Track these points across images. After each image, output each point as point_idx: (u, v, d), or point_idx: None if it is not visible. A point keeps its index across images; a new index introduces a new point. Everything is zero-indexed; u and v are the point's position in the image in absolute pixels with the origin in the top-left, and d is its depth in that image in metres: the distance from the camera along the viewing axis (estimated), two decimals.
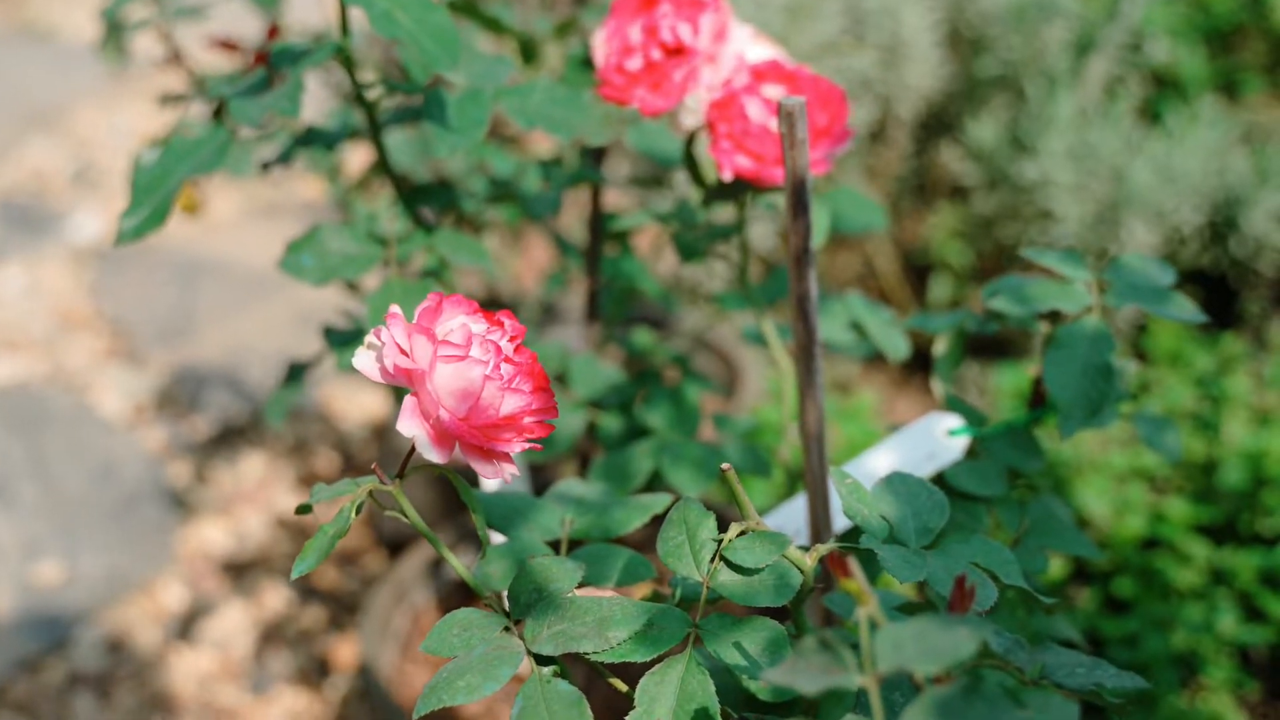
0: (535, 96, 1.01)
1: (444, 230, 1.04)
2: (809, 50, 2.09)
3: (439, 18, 0.92)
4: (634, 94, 1.01)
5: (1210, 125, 2.10)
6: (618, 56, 1.02)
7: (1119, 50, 2.18)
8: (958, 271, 2.26)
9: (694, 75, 1.01)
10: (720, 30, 1.02)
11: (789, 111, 0.85)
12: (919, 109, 2.33)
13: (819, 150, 1.01)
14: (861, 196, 1.36)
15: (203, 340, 2.52)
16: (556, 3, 2.37)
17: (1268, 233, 2.07)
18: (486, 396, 0.70)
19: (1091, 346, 0.93)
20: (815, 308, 0.89)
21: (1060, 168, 2.01)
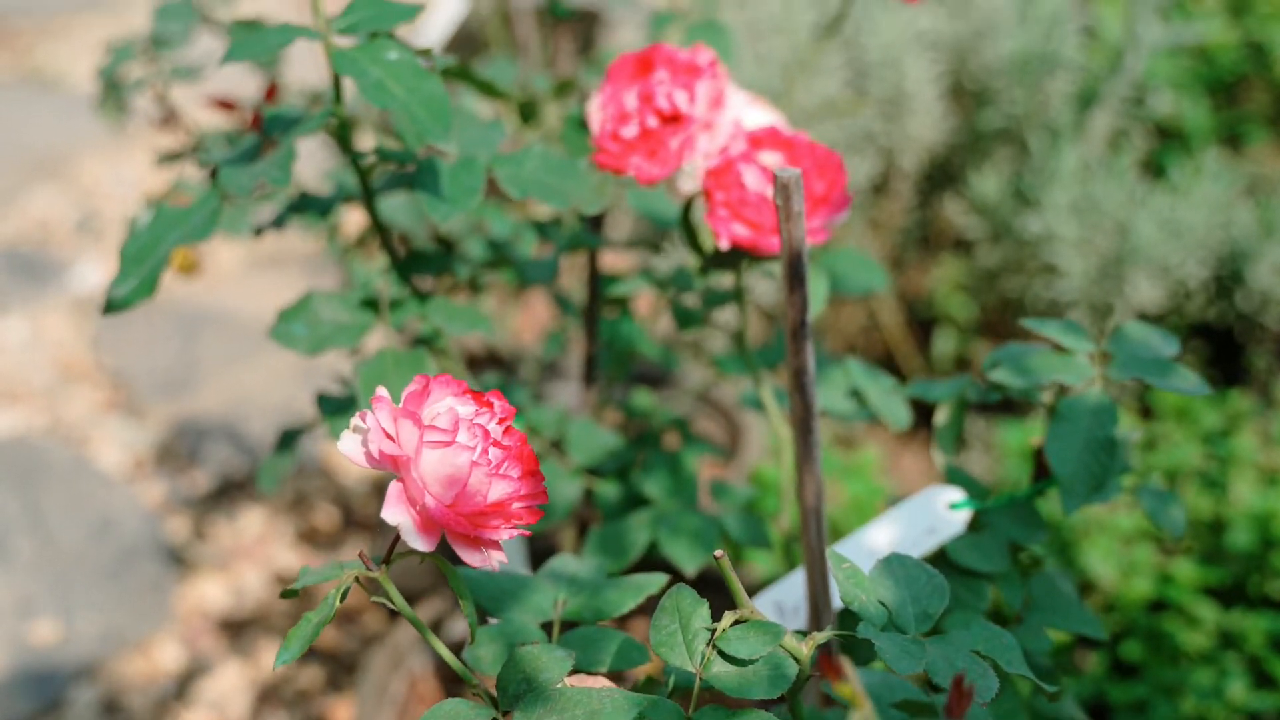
0: (529, 164, 1.00)
1: (438, 299, 1.03)
2: (811, 108, 2.09)
3: (431, 87, 0.91)
4: (629, 162, 1.00)
5: (1214, 178, 2.09)
6: (613, 123, 1.01)
7: (1122, 103, 2.17)
8: (962, 325, 2.24)
9: (690, 143, 1.00)
10: (717, 97, 1.00)
11: (784, 184, 0.83)
12: (922, 161, 2.33)
13: (816, 219, 1.00)
14: (862, 257, 1.35)
15: (204, 392, 2.51)
16: (558, 58, 2.37)
17: (1273, 287, 2.05)
18: (474, 483, 0.68)
19: (1094, 420, 0.91)
20: (813, 381, 0.88)
21: (1064, 222, 2.00)
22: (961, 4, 2.34)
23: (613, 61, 1.03)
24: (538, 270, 1.12)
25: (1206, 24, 2.46)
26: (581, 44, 2.96)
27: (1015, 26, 2.22)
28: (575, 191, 0.99)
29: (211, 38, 1.59)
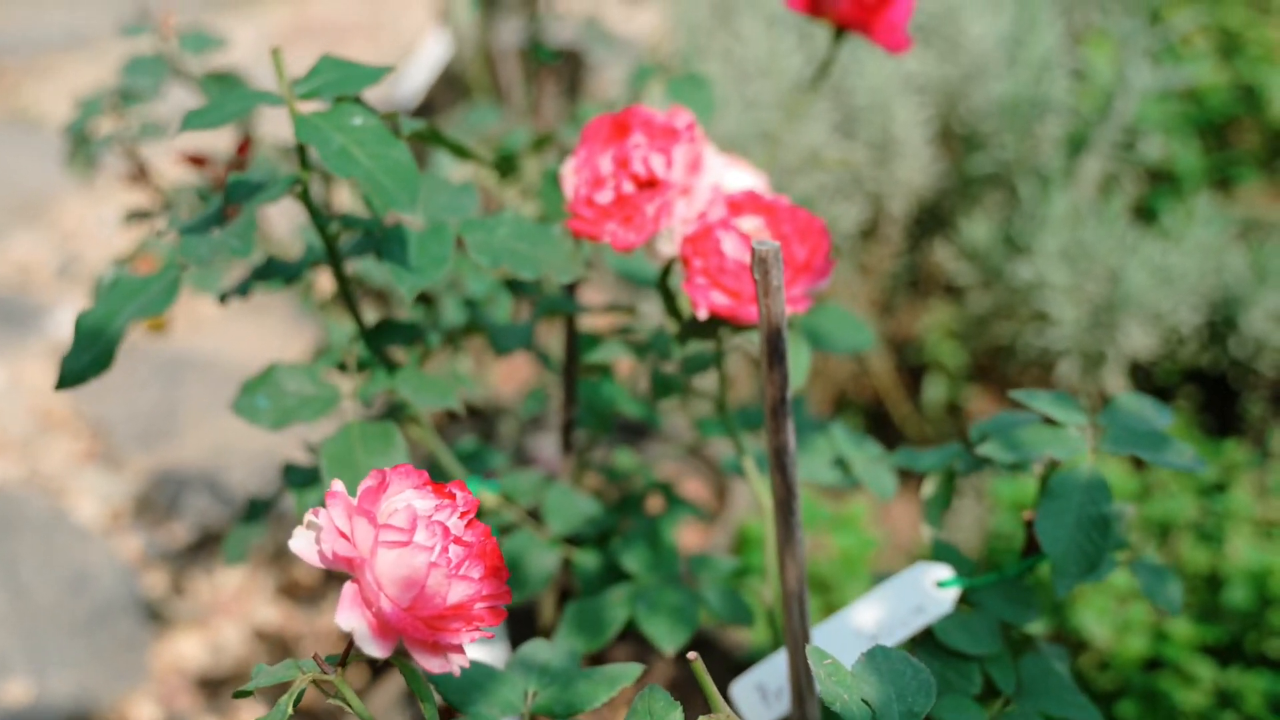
0: (501, 230, 0.97)
1: (407, 369, 0.99)
2: (797, 161, 2.06)
3: (397, 154, 0.88)
4: (604, 228, 0.97)
5: (1206, 223, 2.07)
6: (588, 188, 0.98)
7: (1113, 148, 2.15)
8: (952, 372, 2.21)
9: (667, 209, 0.96)
10: (694, 161, 0.97)
11: (762, 257, 0.80)
12: (911, 206, 2.30)
13: (798, 286, 0.96)
14: (848, 315, 1.32)
15: (184, 441, 2.47)
16: (543, 100, 2.34)
17: (1267, 333, 2.02)
18: (432, 585, 0.65)
19: (1086, 497, 0.88)
20: (794, 461, 0.84)
21: (1054, 268, 1.97)
22: (950, 47, 2.31)
23: (588, 123, 1.00)
24: (512, 337, 1.08)
25: (1196, 66, 2.44)
26: (567, 84, 2.94)
27: (1004, 70, 2.20)
28: (549, 259, 0.95)
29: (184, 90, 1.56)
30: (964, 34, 2.30)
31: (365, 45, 4.40)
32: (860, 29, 1.27)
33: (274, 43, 4.49)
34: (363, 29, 4.59)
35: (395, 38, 4.43)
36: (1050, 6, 2.47)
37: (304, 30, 4.54)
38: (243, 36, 4.51)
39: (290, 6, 4.78)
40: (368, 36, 4.51)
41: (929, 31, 2.36)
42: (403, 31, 4.51)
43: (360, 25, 4.62)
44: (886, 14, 1.25)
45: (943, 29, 2.32)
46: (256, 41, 4.47)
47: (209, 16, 4.65)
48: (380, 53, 4.30)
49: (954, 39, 2.31)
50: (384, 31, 4.52)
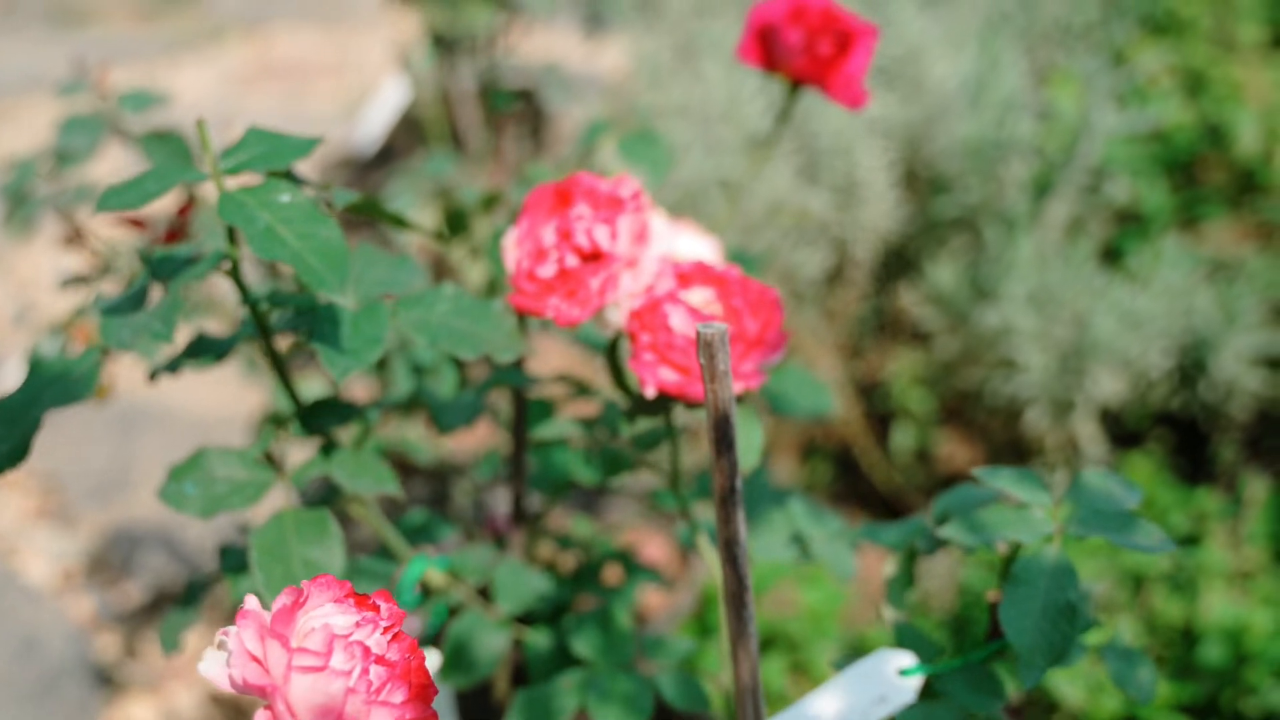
0: (440, 307, 0.93)
1: (344, 452, 0.95)
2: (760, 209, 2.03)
3: (328, 233, 0.84)
4: (547, 304, 0.93)
5: (1174, 264, 2.04)
6: (530, 261, 0.94)
7: (1078, 190, 2.12)
8: (920, 419, 2.18)
9: (613, 282, 0.93)
10: (640, 231, 0.94)
11: (708, 341, 0.76)
12: (876, 249, 2.27)
13: (749, 362, 0.92)
14: (808, 376, 1.29)
15: (140, 496, 2.41)
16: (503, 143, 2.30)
17: (1237, 375, 2.00)
18: (350, 713, 0.60)
19: (1053, 583, 0.84)
20: (745, 552, 0.80)
21: (1021, 314, 1.94)
22: (913, 89, 2.29)
23: (530, 193, 0.96)
24: (456, 414, 1.04)
25: (1162, 106, 2.42)
26: (531, 126, 2.91)
27: (967, 112, 2.17)
28: (490, 337, 0.91)
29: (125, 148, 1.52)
30: (927, 76, 2.28)
31: (329, 86, 4.36)
32: (816, 84, 1.24)
33: (236, 84, 4.43)
34: (328, 68, 4.55)
35: (360, 76, 4.39)
36: (1013, 46, 2.45)
37: (266, 71, 4.50)
38: (203, 78, 4.48)
39: (253, 46, 4.74)
40: (333, 76, 4.47)
41: (891, 74, 2.33)
42: (368, 69, 4.47)
43: (325, 64, 4.58)
44: (843, 68, 1.22)
45: (905, 71, 2.30)
46: (216, 84, 4.43)
47: (170, 57, 4.61)
48: (345, 93, 4.26)
49: (917, 81, 2.29)
50: (349, 70, 4.48)
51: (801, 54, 1.22)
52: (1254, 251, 2.42)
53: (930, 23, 2.48)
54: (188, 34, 4.88)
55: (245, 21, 4.97)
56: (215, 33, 4.86)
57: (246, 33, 4.87)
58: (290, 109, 4.18)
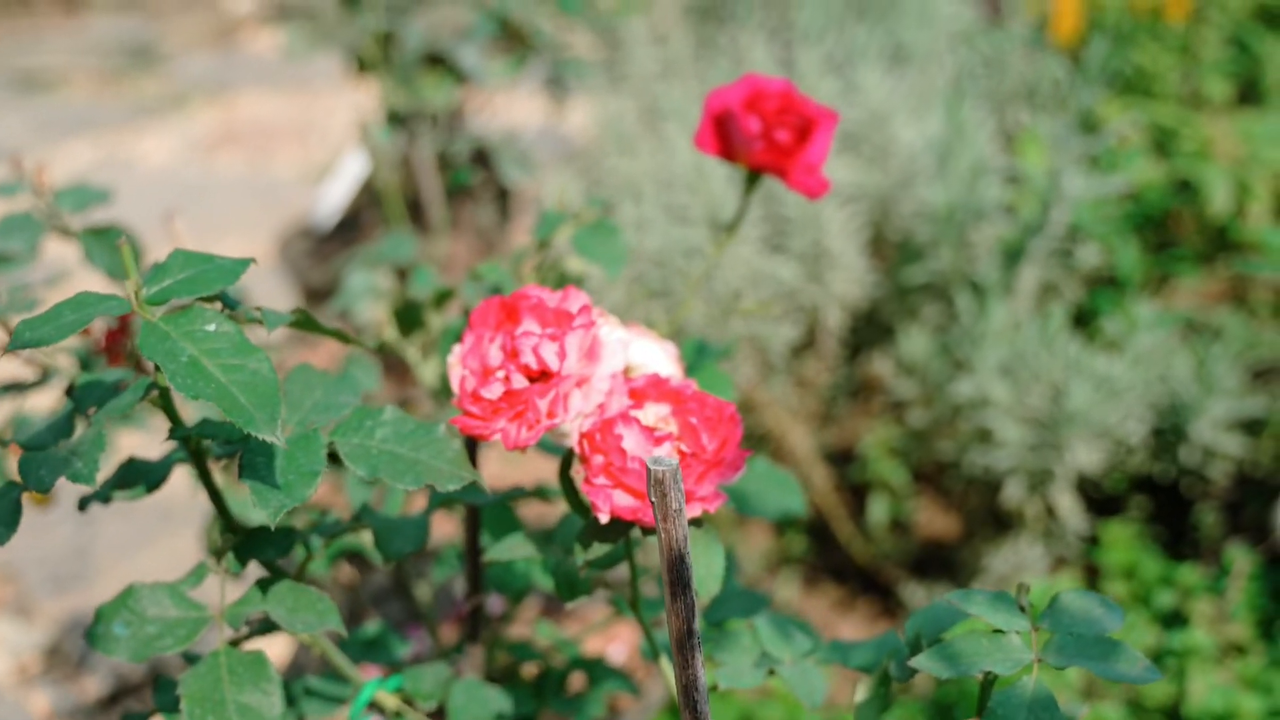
0: (380, 433, 0.88)
1: (283, 584, 0.90)
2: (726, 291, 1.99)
3: (256, 364, 0.79)
4: (494, 426, 0.88)
5: (1149, 329, 2.01)
6: (476, 380, 0.89)
7: (1050, 255, 2.09)
8: (895, 490, 2.13)
9: (562, 403, 0.88)
10: (591, 348, 0.89)
11: (659, 479, 0.72)
12: (848, 317, 2.23)
13: (707, 484, 0.88)
14: (778, 473, 1.24)
15: (99, 583, 2.35)
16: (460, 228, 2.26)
17: (1216, 440, 1.96)
18: None
19: (1033, 716, 0.80)
20: (704, 696, 0.76)
21: (995, 385, 1.90)
22: (881, 154, 2.26)
23: (475, 308, 0.91)
24: (401, 539, 0.99)
25: (1133, 164, 2.39)
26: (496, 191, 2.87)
27: (936, 177, 2.14)
28: (433, 465, 0.87)
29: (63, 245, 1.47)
30: (894, 140, 2.25)
31: (295, 150, 4.33)
32: (775, 173, 1.20)
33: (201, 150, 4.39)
34: (292, 130, 4.52)
35: (324, 139, 4.36)
36: (980, 107, 2.43)
37: (230, 136, 4.46)
38: (167, 144, 4.44)
39: (217, 109, 4.71)
40: (296, 138, 4.44)
41: (859, 139, 2.30)
42: (332, 132, 4.44)
43: (289, 126, 4.55)
44: (802, 157, 1.18)
45: (873, 136, 2.27)
46: (181, 150, 4.39)
47: (133, 124, 4.57)
48: (310, 158, 4.23)
49: (884, 146, 2.26)
50: (313, 133, 4.45)
51: (759, 142, 1.18)
52: (1228, 309, 2.40)
53: (897, 81, 2.46)
54: (152, 100, 4.84)
55: (210, 87, 4.94)
56: (180, 99, 4.83)
57: (211, 99, 4.84)
58: (255, 175, 4.15)
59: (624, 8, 2.71)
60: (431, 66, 1.93)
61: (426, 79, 1.91)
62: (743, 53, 2.58)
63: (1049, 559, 2.02)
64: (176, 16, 5.61)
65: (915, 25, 2.59)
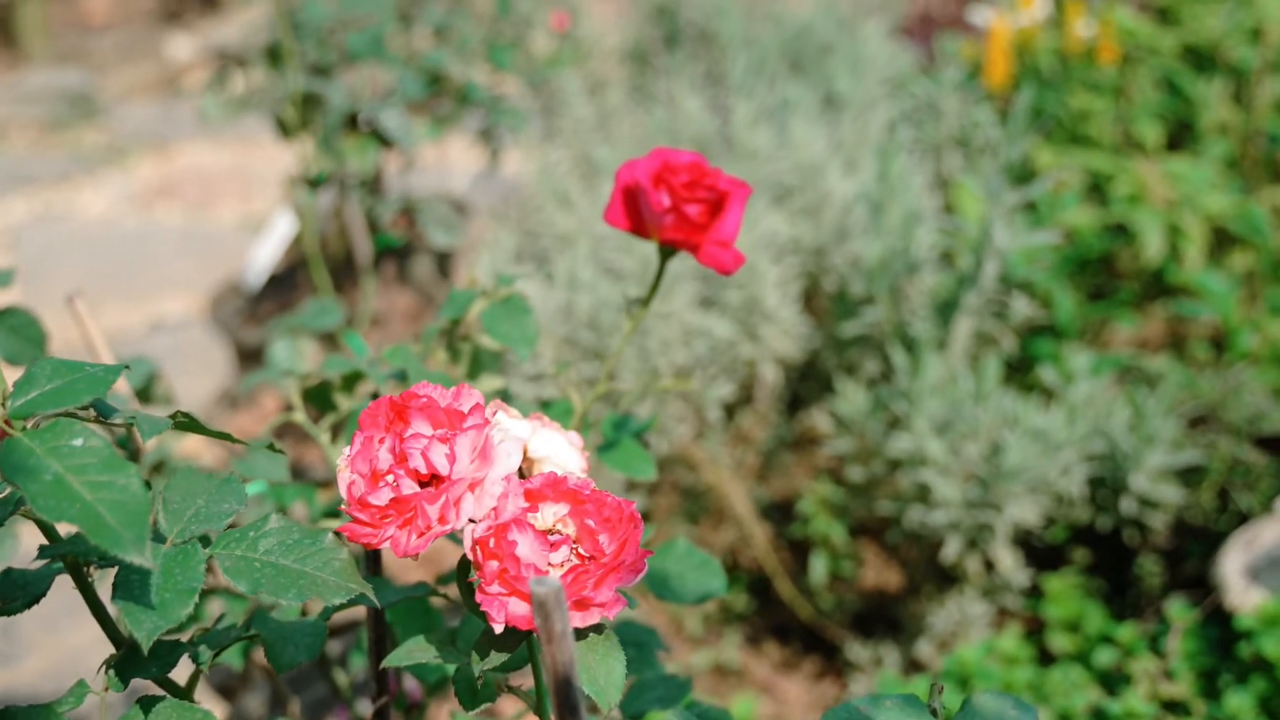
0: (264, 543, 0.84)
1: (164, 705, 0.86)
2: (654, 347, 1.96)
3: (125, 479, 0.75)
4: (382, 534, 0.85)
5: (1086, 378, 2.00)
6: (365, 485, 0.86)
7: (986, 304, 2.08)
8: (835, 547, 2.11)
9: (454, 507, 0.85)
10: (484, 449, 0.86)
11: (541, 601, 0.69)
12: (784, 371, 2.21)
13: (605, 589, 0.85)
14: (698, 553, 1.21)
15: (27, 662, 2.28)
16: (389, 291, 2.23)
17: (1155, 490, 1.95)
18: None
19: None
20: None
21: (932, 442, 1.88)
22: (816, 206, 2.25)
23: (364, 409, 0.88)
24: (294, 649, 0.95)
25: (1068, 209, 2.39)
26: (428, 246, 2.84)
27: (870, 228, 2.13)
28: (319, 576, 0.83)
29: None
30: (828, 193, 2.24)
31: (234, 200, 4.28)
32: (686, 249, 1.17)
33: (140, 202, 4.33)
34: (233, 179, 4.47)
35: (266, 189, 4.31)
36: (915, 155, 2.42)
37: (169, 187, 4.41)
38: (105, 196, 4.38)
39: (157, 160, 4.66)
40: (238, 188, 4.39)
41: (793, 191, 2.29)
42: (274, 182, 4.40)
43: (230, 176, 4.50)
44: (713, 233, 1.16)
45: (807, 188, 2.26)
46: (120, 202, 4.34)
47: (72, 176, 4.51)
48: (250, 208, 4.19)
49: (818, 198, 2.25)
50: (255, 182, 4.41)
51: (669, 217, 1.15)
52: (1166, 354, 2.39)
53: (832, 130, 2.45)
54: (91, 151, 4.79)
55: (150, 138, 4.89)
56: (119, 150, 4.78)
57: (151, 149, 4.79)
58: (195, 226, 4.10)
59: (558, 59, 2.69)
60: (354, 129, 1.90)
61: (349, 142, 1.88)
62: (677, 103, 2.56)
63: (993, 613, 2.00)
64: (118, 67, 5.56)
65: (849, 73, 2.59)
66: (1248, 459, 2.02)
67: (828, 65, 2.67)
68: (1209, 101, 2.59)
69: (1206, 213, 2.38)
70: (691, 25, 3.19)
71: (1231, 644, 1.76)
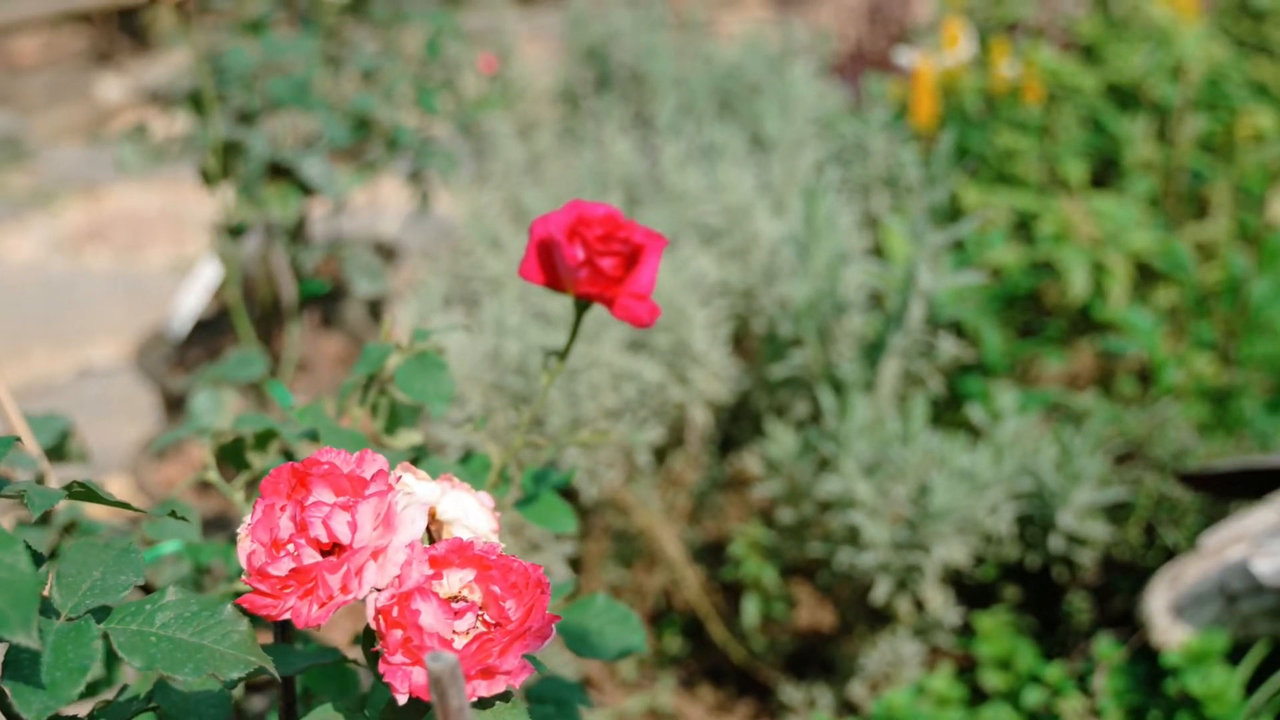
0: (161, 616, 0.82)
1: None
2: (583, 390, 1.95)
3: (14, 559, 0.74)
4: (283, 605, 0.83)
5: (1013, 416, 2.01)
6: (265, 555, 0.84)
7: (913, 344, 2.09)
8: (766, 589, 2.10)
9: (356, 576, 0.83)
10: (387, 517, 0.85)
11: (438, 677, 0.68)
12: (715, 413, 2.21)
13: (511, 656, 0.83)
14: (618, 608, 1.20)
15: None
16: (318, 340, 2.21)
17: (1082, 528, 1.96)
18: None
19: None
20: None
21: (860, 484, 1.88)
22: (743, 249, 2.25)
23: (267, 476, 0.87)
24: (201, 717, 0.93)
25: (995, 248, 2.41)
26: None
27: (798, 273, 2.13)
28: (217, 649, 0.81)
29: None
30: (756, 234, 2.24)
31: (165, 243, 4.24)
32: (602, 302, 1.17)
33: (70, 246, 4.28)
34: (164, 221, 4.43)
35: (197, 231, 4.27)
36: (843, 195, 2.44)
37: (98, 232, 4.35)
38: (32, 240, 4.32)
39: (86, 203, 4.60)
40: (169, 230, 4.35)
41: (723, 233, 2.29)
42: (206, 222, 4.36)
43: (161, 217, 4.46)
44: (628, 286, 1.15)
45: (735, 230, 2.26)
46: (49, 246, 4.28)
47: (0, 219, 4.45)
48: (181, 250, 4.14)
49: (746, 240, 2.25)
50: (186, 223, 4.37)
51: (583, 270, 1.14)
52: (1094, 390, 2.41)
53: (761, 171, 2.46)
54: (18, 195, 4.73)
55: (79, 180, 4.84)
56: (48, 193, 4.72)
57: (80, 191, 4.74)
58: (124, 270, 4.06)
59: (487, 102, 2.69)
60: (276, 177, 1.88)
61: (271, 191, 1.86)
62: (606, 146, 2.56)
63: (925, 652, 2.00)
64: (46, 109, 5.50)
65: (778, 114, 2.60)
66: (1173, 495, 2.04)
67: (757, 105, 2.68)
68: (1133, 139, 2.62)
69: (1130, 250, 2.41)
70: (623, 66, 3.20)
71: (1158, 681, 1.77)
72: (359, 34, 3.09)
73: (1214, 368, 2.35)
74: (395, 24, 2.99)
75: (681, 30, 3.54)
